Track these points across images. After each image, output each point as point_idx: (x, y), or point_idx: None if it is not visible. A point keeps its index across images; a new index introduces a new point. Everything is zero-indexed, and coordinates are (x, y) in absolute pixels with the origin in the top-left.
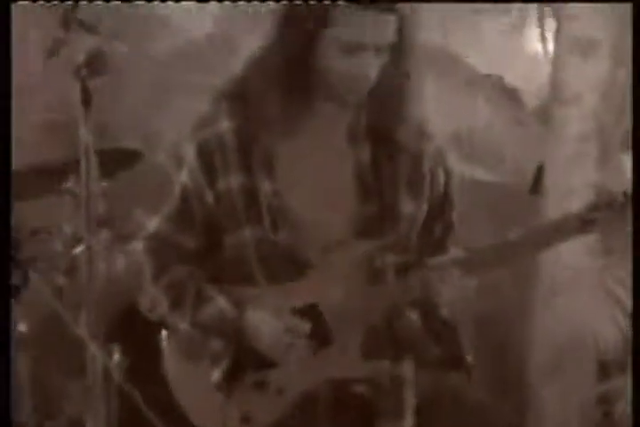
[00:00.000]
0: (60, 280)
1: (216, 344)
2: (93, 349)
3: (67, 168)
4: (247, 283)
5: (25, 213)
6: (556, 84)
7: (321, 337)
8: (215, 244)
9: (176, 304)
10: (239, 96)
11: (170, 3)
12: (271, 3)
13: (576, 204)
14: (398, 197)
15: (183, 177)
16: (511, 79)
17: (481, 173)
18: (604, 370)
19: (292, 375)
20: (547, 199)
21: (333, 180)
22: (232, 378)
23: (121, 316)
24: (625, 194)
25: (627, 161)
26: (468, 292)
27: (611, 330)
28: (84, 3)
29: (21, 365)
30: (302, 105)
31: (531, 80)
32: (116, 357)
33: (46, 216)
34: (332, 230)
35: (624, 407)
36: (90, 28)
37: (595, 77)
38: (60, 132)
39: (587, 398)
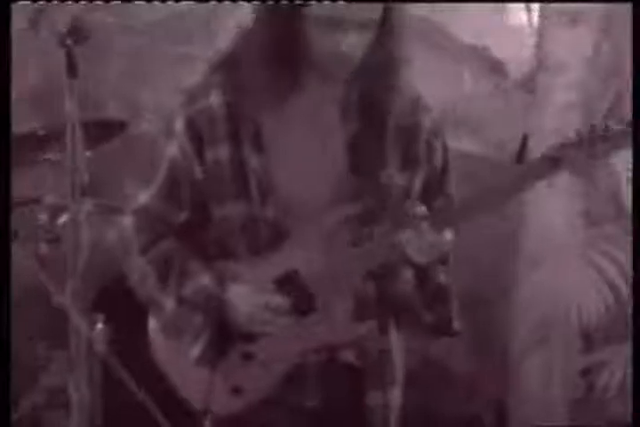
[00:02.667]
0: (44, 250)
1: (198, 319)
2: (76, 318)
3: (50, 138)
4: (230, 257)
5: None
6: (540, 55)
7: (304, 305)
8: (203, 218)
9: (162, 279)
10: (228, 70)
11: None
12: None
13: None
14: (390, 170)
15: (172, 149)
16: (496, 50)
17: (465, 145)
18: (588, 342)
19: (279, 345)
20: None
21: (322, 154)
22: (217, 350)
23: (107, 286)
24: (591, 128)
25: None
26: (453, 241)
27: (594, 302)
28: None
29: None
30: (291, 79)
31: (516, 51)
32: (100, 327)
33: (29, 186)
34: (321, 204)
35: (607, 379)
36: None
37: (580, 48)
38: (44, 102)
39: (570, 370)
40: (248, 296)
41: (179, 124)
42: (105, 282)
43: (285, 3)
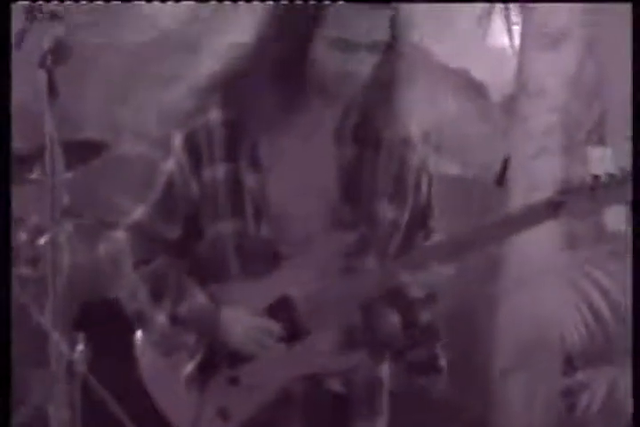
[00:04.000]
0: (24, 270)
1: (191, 338)
2: (56, 338)
3: (32, 158)
4: (224, 276)
5: None
6: (521, 78)
7: (294, 331)
8: (197, 235)
9: (155, 296)
10: (228, 88)
11: None
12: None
13: (541, 196)
14: (379, 203)
15: (169, 166)
16: (477, 73)
17: (448, 167)
18: (570, 363)
19: (266, 371)
20: (512, 192)
21: (317, 176)
22: (206, 373)
23: (91, 307)
24: (594, 178)
25: (592, 153)
26: (444, 280)
27: (576, 323)
28: None
29: None
30: (295, 99)
31: (497, 74)
32: (81, 347)
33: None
34: (315, 229)
35: (589, 400)
36: (55, 18)
37: (561, 70)
38: (26, 122)
39: (552, 391)
40: (242, 319)
41: (177, 141)
42: (86, 301)
43: (294, 21)
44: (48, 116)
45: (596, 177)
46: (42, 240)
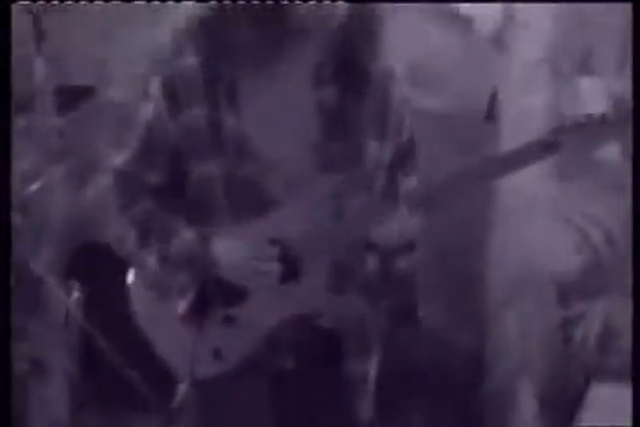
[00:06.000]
0: (16, 218)
1: (184, 277)
2: (52, 285)
3: (20, 105)
4: (212, 220)
5: None
6: (508, 9)
7: (287, 270)
8: (180, 179)
9: (143, 238)
10: (205, 31)
11: None
12: None
13: (531, 129)
14: (363, 139)
15: (147, 111)
16: (465, 6)
17: (434, 103)
18: (564, 296)
19: (260, 310)
20: (502, 126)
21: (298, 117)
22: (201, 313)
23: (82, 252)
24: (587, 116)
25: (582, 84)
26: (421, 227)
27: (570, 257)
28: None
29: None
30: (273, 42)
31: (484, 6)
32: (76, 294)
33: None
34: (296, 166)
35: (583, 333)
36: None
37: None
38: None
39: (546, 325)
40: (235, 249)
41: (154, 87)
42: (78, 247)
43: None
44: (38, 63)
45: (589, 115)
46: (33, 187)
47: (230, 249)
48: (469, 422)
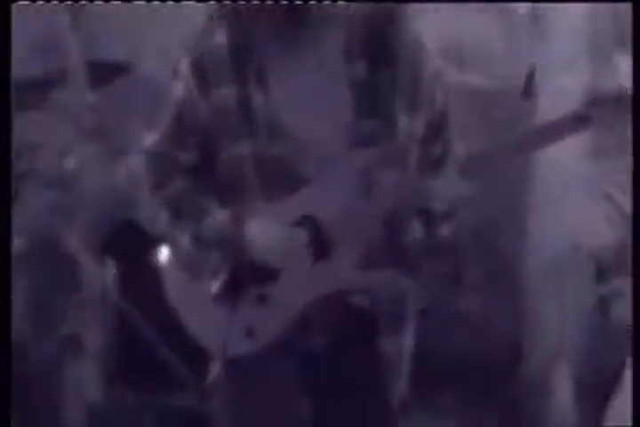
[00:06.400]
0: (50, 195)
1: (216, 257)
2: (87, 264)
3: (52, 80)
4: (244, 199)
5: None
6: None
7: (319, 248)
8: (211, 158)
9: (176, 218)
10: (234, 12)
11: None
12: None
13: (570, 105)
14: (395, 113)
15: (178, 91)
16: None
17: (473, 79)
18: (602, 273)
19: (292, 289)
20: (539, 103)
21: (329, 94)
22: (233, 292)
23: (117, 230)
24: (620, 89)
25: (621, 61)
26: (466, 198)
27: (608, 233)
28: None
29: (16, 282)
30: (300, 21)
31: None
32: (112, 272)
33: (35, 130)
34: (327, 144)
35: (622, 309)
36: None
37: None
38: (49, 45)
39: (585, 302)
40: (267, 228)
41: (184, 66)
42: (112, 226)
43: None
44: (72, 37)
45: (623, 88)
46: (67, 163)
47: (262, 228)
48: (505, 405)
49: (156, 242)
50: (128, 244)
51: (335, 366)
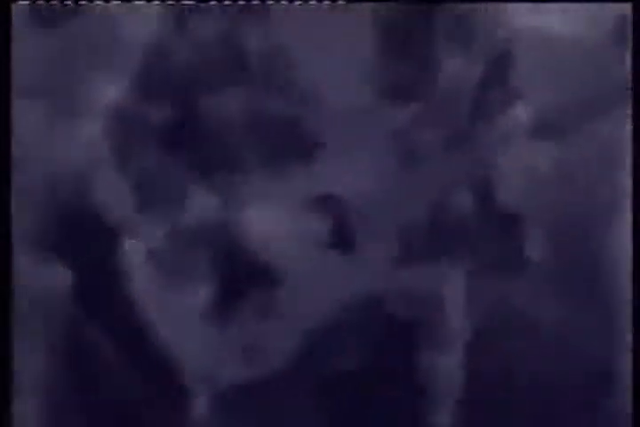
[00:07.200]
0: None
1: (202, 256)
2: (27, 266)
3: None
4: (236, 169)
5: None
6: None
7: (340, 238)
8: (191, 114)
9: (146, 202)
10: None
11: None
12: None
13: None
14: (438, 54)
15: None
16: None
17: (548, 24)
18: None
19: (305, 295)
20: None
21: (351, 34)
22: (226, 301)
23: (67, 222)
24: None
25: None
26: (537, 166)
27: None
28: None
29: None
30: None
31: None
32: (62, 276)
33: None
34: (350, 96)
35: None
36: None
37: None
38: None
39: None
40: (270, 214)
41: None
42: (62, 215)
43: None
44: None
45: None
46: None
47: (264, 215)
48: None
49: (120, 236)
50: (83, 239)
51: (363, 397)
